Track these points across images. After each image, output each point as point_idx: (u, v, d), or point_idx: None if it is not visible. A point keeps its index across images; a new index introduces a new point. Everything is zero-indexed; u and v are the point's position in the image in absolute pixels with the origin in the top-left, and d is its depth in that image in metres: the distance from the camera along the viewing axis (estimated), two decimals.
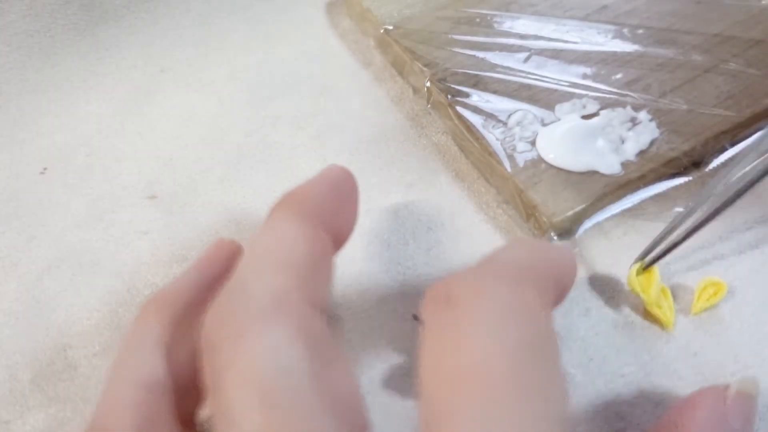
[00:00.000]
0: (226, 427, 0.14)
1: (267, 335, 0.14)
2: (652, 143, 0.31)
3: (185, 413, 0.17)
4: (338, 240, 0.19)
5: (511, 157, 0.30)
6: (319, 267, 0.17)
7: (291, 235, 0.17)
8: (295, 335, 0.14)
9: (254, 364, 0.14)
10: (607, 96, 0.33)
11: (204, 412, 0.18)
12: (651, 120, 0.31)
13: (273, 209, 0.19)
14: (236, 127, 0.36)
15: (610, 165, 0.30)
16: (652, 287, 0.27)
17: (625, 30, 0.36)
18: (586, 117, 0.32)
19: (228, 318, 0.15)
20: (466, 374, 0.14)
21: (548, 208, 0.28)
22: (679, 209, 0.30)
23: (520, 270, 0.16)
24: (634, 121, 0.31)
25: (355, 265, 0.29)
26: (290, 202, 0.18)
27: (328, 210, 0.19)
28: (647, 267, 0.27)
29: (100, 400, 0.17)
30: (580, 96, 0.33)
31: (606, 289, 0.28)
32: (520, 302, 0.15)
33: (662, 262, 0.27)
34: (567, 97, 0.33)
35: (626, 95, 0.33)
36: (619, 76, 0.34)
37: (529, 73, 0.34)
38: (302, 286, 0.16)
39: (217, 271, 0.20)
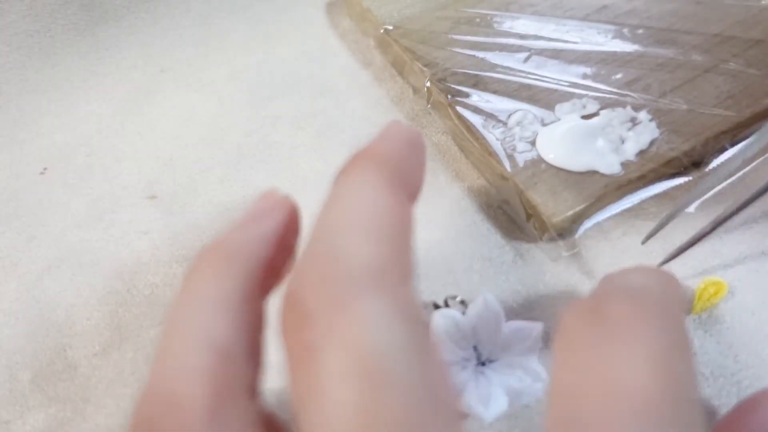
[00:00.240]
0: (312, 399, 0.13)
1: (370, 309, 0.13)
2: (652, 143, 0.31)
3: (255, 381, 0.16)
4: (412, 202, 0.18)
5: (511, 157, 0.30)
6: (408, 236, 0.16)
7: (380, 199, 0.16)
8: (396, 312, 0.14)
9: (357, 338, 0.13)
10: (607, 96, 0.33)
11: (265, 384, 0.17)
12: (651, 120, 0.31)
13: (350, 166, 0.17)
14: (236, 127, 0.36)
15: (610, 165, 0.30)
16: None
17: (625, 30, 0.36)
18: (586, 117, 0.32)
19: (326, 286, 0.14)
20: (627, 396, 0.14)
21: (548, 208, 0.28)
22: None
23: (672, 303, 0.17)
24: (634, 121, 0.31)
25: None
26: (372, 160, 0.17)
27: (406, 171, 0.17)
28: (667, 261, 0.27)
29: (160, 362, 0.15)
30: (580, 96, 0.33)
31: None
32: (677, 338, 0.16)
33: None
34: (567, 97, 0.33)
35: (626, 95, 0.33)
36: (619, 76, 0.34)
37: (529, 73, 0.34)
38: (398, 258, 0.15)
39: (276, 226, 0.18)
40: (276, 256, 0.17)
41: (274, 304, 0.16)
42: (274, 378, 0.17)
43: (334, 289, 0.14)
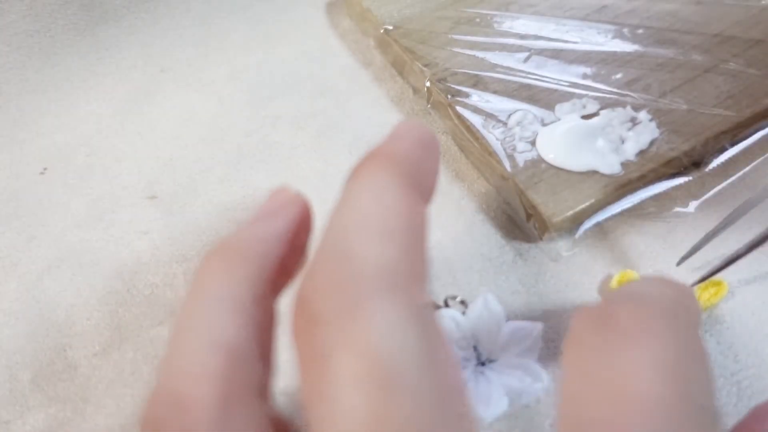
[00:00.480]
0: (323, 402, 0.13)
1: (383, 313, 0.13)
2: (652, 143, 0.31)
3: (264, 382, 0.16)
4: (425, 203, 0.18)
5: (511, 157, 0.30)
6: (422, 238, 0.16)
7: (393, 200, 0.15)
8: (409, 316, 0.14)
9: (369, 342, 0.13)
10: (607, 96, 0.33)
11: (277, 385, 0.17)
12: (651, 120, 0.31)
13: (363, 166, 0.16)
14: (236, 127, 0.36)
15: (610, 165, 0.30)
16: None
17: (625, 30, 0.36)
18: (586, 117, 0.32)
19: (338, 288, 0.14)
20: (636, 400, 0.14)
21: (548, 208, 0.28)
22: (680, 209, 0.30)
23: (683, 311, 0.17)
24: (634, 121, 0.31)
25: None
26: (385, 160, 0.16)
27: (420, 171, 0.17)
28: (701, 281, 0.27)
29: (169, 361, 0.15)
30: (580, 96, 0.33)
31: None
32: (688, 345, 0.16)
33: (665, 262, 0.28)
34: (567, 97, 0.33)
35: (626, 95, 0.33)
36: (619, 76, 0.34)
37: (529, 73, 0.34)
38: (411, 260, 0.15)
39: (288, 224, 0.18)
40: (288, 255, 0.17)
41: (285, 304, 0.16)
42: (285, 379, 0.17)
43: (346, 291, 0.14)
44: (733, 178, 0.31)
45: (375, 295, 0.14)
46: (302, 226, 0.18)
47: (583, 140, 0.31)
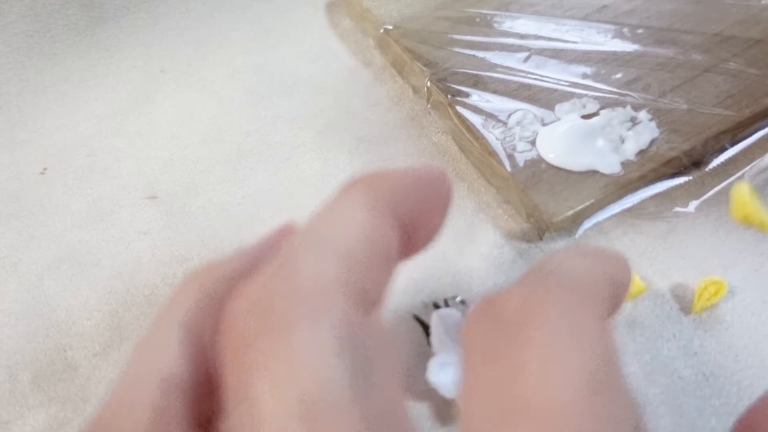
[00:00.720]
0: None
1: (311, 337, 0.12)
2: (652, 143, 0.31)
3: (207, 413, 0.15)
4: (412, 244, 0.16)
5: (511, 157, 0.30)
6: (377, 263, 0.15)
7: (355, 219, 0.15)
8: (341, 340, 0.13)
9: (295, 369, 0.12)
10: (607, 96, 0.33)
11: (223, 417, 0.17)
12: (651, 120, 0.31)
13: (345, 187, 0.16)
14: (236, 127, 0.36)
15: (610, 165, 0.30)
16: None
17: (625, 30, 0.36)
18: (586, 117, 0.32)
19: (268, 306, 0.13)
20: (530, 408, 0.12)
21: (548, 208, 0.28)
22: (680, 209, 0.30)
23: (574, 283, 0.14)
24: (634, 121, 0.31)
25: None
26: (365, 183, 0.16)
27: (406, 205, 0.16)
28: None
29: (116, 387, 0.15)
30: (580, 96, 0.33)
31: None
32: (578, 323, 0.13)
33: (665, 262, 0.28)
34: (567, 97, 0.33)
35: (626, 95, 0.33)
36: (619, 76, 0.34)
37: (529, 73, 0.34)
38: (354, 280, 0.14)
39: (266, 250, 0.17)
40: None
41: None
42: None
43: (275, 310, 0.13)
44: (733, 177, 0.31)
45: (307, 315, 0.13)
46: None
47: (583, 140, 0.31)
